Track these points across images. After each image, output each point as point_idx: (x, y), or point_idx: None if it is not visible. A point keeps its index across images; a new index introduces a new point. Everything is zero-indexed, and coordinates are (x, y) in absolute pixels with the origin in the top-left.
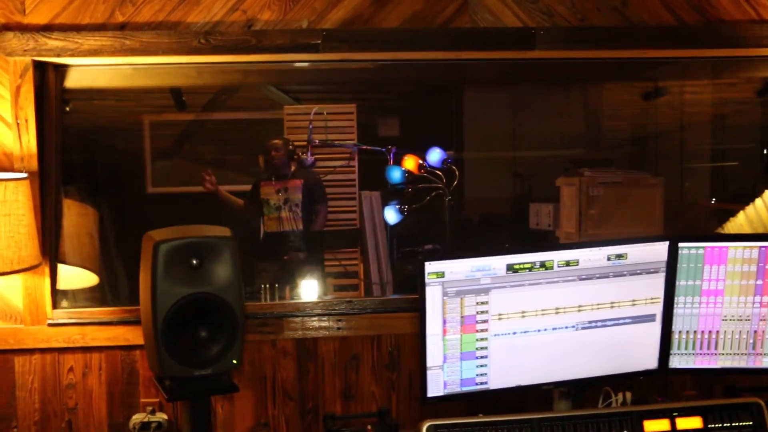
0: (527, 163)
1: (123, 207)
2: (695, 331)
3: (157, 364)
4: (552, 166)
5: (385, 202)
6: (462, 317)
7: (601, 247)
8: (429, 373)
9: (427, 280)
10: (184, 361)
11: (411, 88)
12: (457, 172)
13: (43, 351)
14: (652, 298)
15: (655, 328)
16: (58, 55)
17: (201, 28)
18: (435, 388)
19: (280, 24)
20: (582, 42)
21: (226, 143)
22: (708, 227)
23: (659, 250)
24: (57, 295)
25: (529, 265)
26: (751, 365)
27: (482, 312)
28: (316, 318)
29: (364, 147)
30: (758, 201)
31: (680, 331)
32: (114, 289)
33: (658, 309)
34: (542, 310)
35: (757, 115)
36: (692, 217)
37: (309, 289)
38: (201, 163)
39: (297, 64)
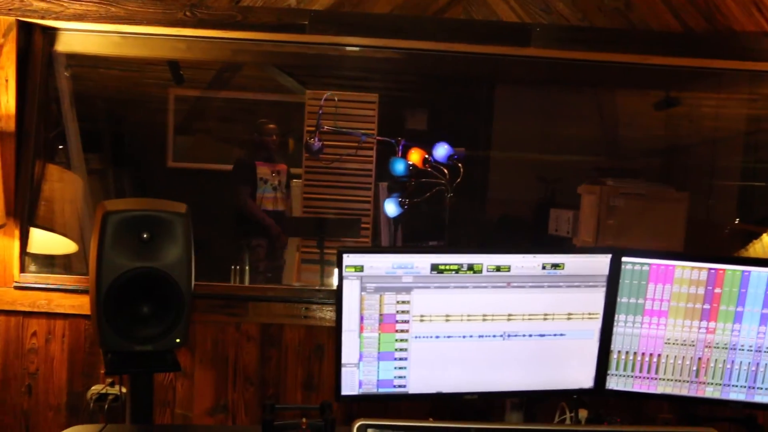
0: (553, 167)
1: (143, 180)
2: (635, 353)
3: (98, 335)
4: (578, 171)
5: (389, 194)
6: (381, 315)
7: (536, 255)
8: (344, 370)
9: (344, 273)
10: (125, 335)
11: (440, 81)
12: (461, 170)
13: (7, 313)
14: (590, 314)
15: (592, 346)
16: (43, 17)
17: (188, 0)
18: (349, 386)
19: (269, 1)
20: (580, 42)
21: (246, 123)
22: (731, 248)
23: (600, 262)
24: (26, 259)
25: (455, 267)
26: (693, 394)
27: (403, 312)
28: (283, 304)
29: (373, 137)
30: None
31: (619, 351)
32: None
33: (596, 325)
34: (468, 315)
35: None
36: (714, 236)
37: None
38: (223, 140)
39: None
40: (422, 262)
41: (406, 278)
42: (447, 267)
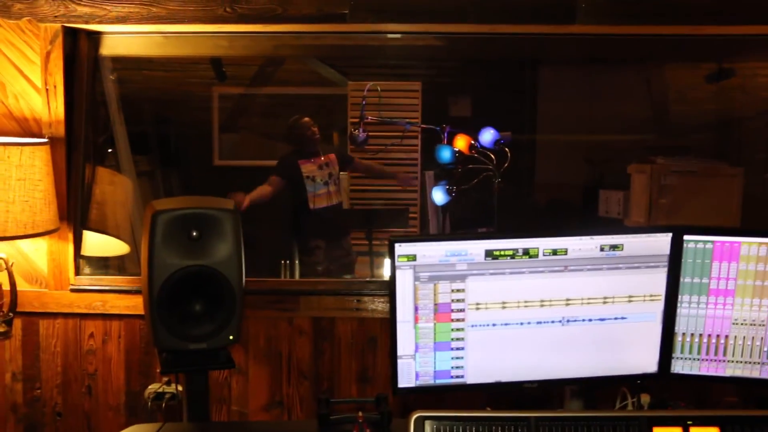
0: (601, 147)
1: (190, 179)
2: (701, 335)
3: (152, 335)
4: (626, 151)
5: (436, 182)
6: (435, 305)
7: (593, 236)
8: (400, 362)
9: (397, 263)
10: (178, 334)
11: (483, 65)
12: (509, 154)
13: (65, 316)
14: (651, 295)
15: (655, 328)
16: (87, 22)
17: None
18: (406, 378)
19: None
20: (628, 16)
21: (288, 117)
22: None
23: (661, 242)
24: (80, 261)
25: (510, 252)
26: (765, 375)
27: (458, 300)
28: (334, 297)
29: (417, 125)
30: None
31: (684, 333)
32: None
33: (658, 307)
34: (525, 302)
35: None
36: None
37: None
38: (267, 136)
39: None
40: (476, 248)
41: (460, 266)
42: (502, 252)
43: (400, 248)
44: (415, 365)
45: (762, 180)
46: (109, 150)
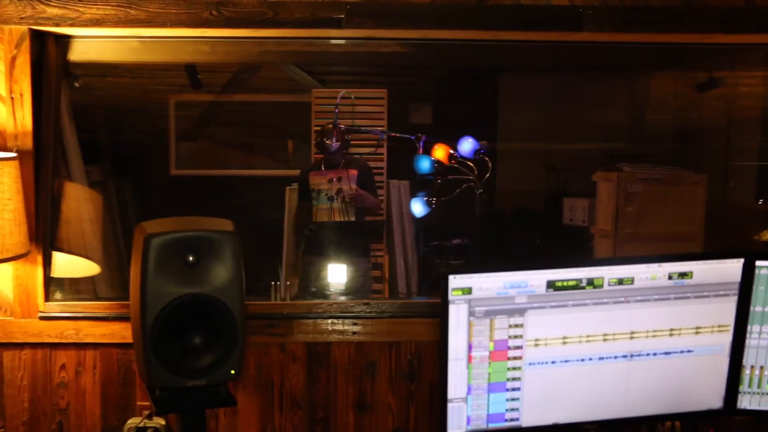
0: (563, 155)
1: (145, 189)
2: None
3: (146, 372)
4: (589, 159)
5: (413, 194)
6: (491, 342)
7: (662, 263)
8: (450, 406)
9: (450, 297)
10: (175, 370)
11: (445, 73)
12: (490, 164)
13: (33, 346)
14: (720, 326)
15: (722, 362)
16: (57, 25)
17: None
18: (457, 423)
19: None
20: (635, 24)
21: (251, 126)
22: (752, 229)
23: (732, 268)
24: (51, 286)
25: (573, 283)
26: None
27: (516, 336)
28: (329, 320)
29: (393, 134)
30: None
31: (752, 366)
32: (124, 279)
33: (726, 339)
34: (587, 336)
35: None
36: (736, 218)
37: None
38: (226, 145)
39: (326, 43)
40: (537, 279)
41: (519, 299)
42: (565, 283)
43: (455, 281)
44: (466, 409)
45: (724, 187)
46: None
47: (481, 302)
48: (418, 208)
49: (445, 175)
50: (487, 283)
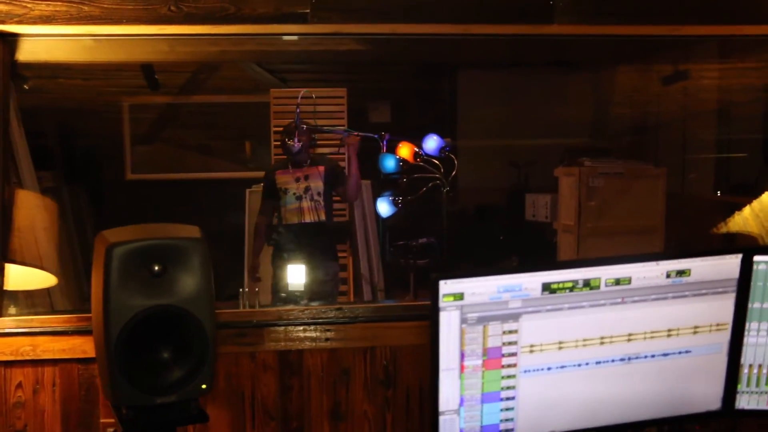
0: (524, 151)
1: (101, 195)
2: None
3: (111, 390)
4: (550, 155)
5: (377, 194)
6: (485, 350)
7: (659, 261)
8: (441, 419)
9: (441, 304)
10: (143, 387)
11: (404, 69)
12: (456, 162)
13: None
14: (718, 324)
15: (721, 361)
16: (3, 22)
17: None
18: None
19: None
20: (608, 15)
21: (209, 128)
22: (711, 221)
23: (730, 264)
24: (4, 300)
25: (570, 284)
26: None
27: (510, 343)
28: (301, 327)
29: (356, 133)
30: (765, 195)
31: (750, 365)
32: (82, 290)
33: (725, 338)
34: (584, 340)
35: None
36: (696, 209)
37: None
38: (184, 148)
39: (285, 39)
40: (532, 282)
41: (513, 303)
42: (561, 285)
43: (446, 286)
44: (459, 421)
45: (683, 179)
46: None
47: (473, 308)
48: (384, 208)
49: (411, 173)
50: (480, 288)
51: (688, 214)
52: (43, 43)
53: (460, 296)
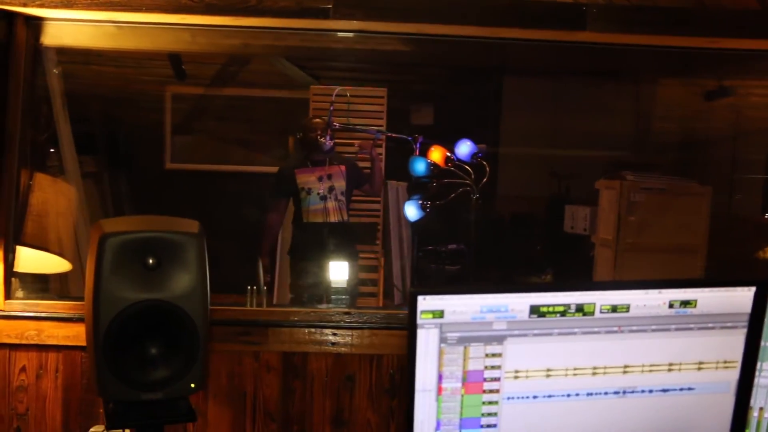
0: (566, 162)
1: (139, 182)
2: None
3: (97, 382)
4: (592, 167)
5: (409, 196)
6: (465, 372)
7: (662, 290)
8: None
9: (419, 321)
10: (129, 382)
11: (448, 73)
12: (487, 168)
13: None
14: (726, 362)
15: (727, 402)
16: (25, 4)
17: None
18: None
19: None
20: (642, 24)
21: (246, 121)
22: (757, 244)
23: (741, 297)
24: (12, 283)
25: (561, 309)
26: None
27: (493, 367)
28: (307, 330)
29: (389, 134)
30: None
31: (761, 408)
32: None
33: (733, 376)
34: (575, 369)
35: None
36: (742, 231)
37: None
38: (222, 140)
39: (324, 39)
40: (519, 303)
41: (498, 324)
42: (551, 309)
43: (424, 302)
44: None
45: (729, 199)
46: (51, 150)
47: (454, 327)
48: (411, 211)
49: (441, 178)
50: (462, 306)
51: (733, 236)
52: (66, 27)
53: (439, 314)
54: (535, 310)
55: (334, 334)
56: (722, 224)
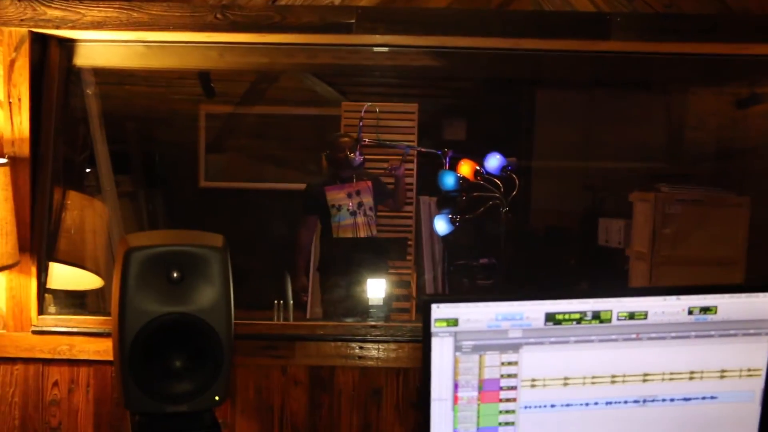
0: (600, 174)
1: (175, 201)
2: None
3: (123, 394)
4: (626, 179)
5: (439, 210)
6: (481, 381)
7: (680, 296)
8: None
9: (433, 329)
10: (154, 394)
11: (479, 86)
12: (517, 182)
13: (26, 361)
14: (749, 370)
15: (752, 411)
16: (58, 27)
17: (218, 1)
18: None
19: None
20: (667, 32)
21: (278, 138)
22: None
23: (763, 303)
24: (45, 299)
25: (577, 316)
26: None
27: (509, 375)
28: (333, 343)
29: (418, 149)
30: None
31: None
32: None
33: (757, 385)
34: (593, 378)
35: None
36: None
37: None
38: (255, 157)
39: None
40: (534, 311)
41: (513, 332)
42: (566, 317)
43: (438, 310)
44: None
45: None
46: (88, 170)
47: (468, 335)
48: (441, 225)
49: (470, 192)
50: (476, 314)
51: None
52: (97, 48)
53: (454, 322)
54: (550, 317)
55: (361, 348)
56: (763, 235)
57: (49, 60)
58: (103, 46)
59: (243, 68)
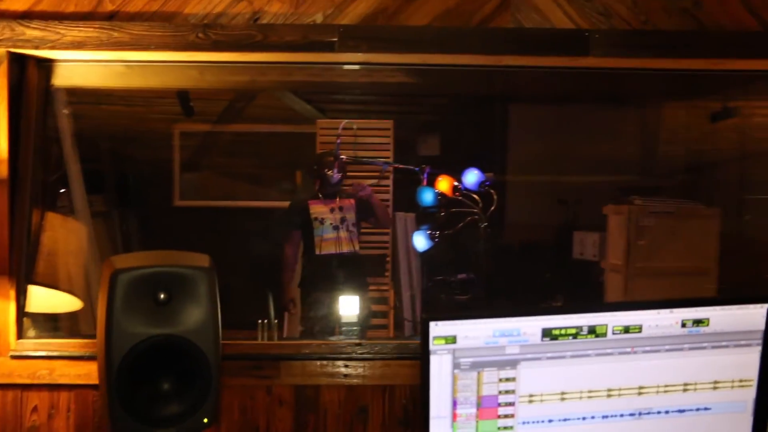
0: (573, 188)
1: (149, 220)
2: None
3: (109, 418)
4: (599, 192)
5: (417, 227)
6: (479, 398)
7: (673, 309)
8: None
9: (432, 347)
10: (142, 418)
11: (453, 102)
12: (495, 197)
13: (4, 387)
14: (741, 380)
15: (745, 421)
16: (37, 47)
17: (200, 21)
18: None
19: (291, 18)
20: (645, 48)
21: (253, 156)
22: None
23: (754, 315)
24: (28, 322)
25: (573, 331)
26: None
27: (507, 392)
28: (319, 362)
29: (396, 165)
30: None
31: None
32: None
33: (749, 395)
34: (589, 392)
35: None
36: (753, 253)
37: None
38: (230, 176)
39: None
40: (531, 327)
41: (511, 349)
42: (563, 332)
43: (437, 328)
44: None
45: (739, 221)
46: (62, 190)
47: (466, 352)
48: (420, 241)
49: (449, 207)
50: (474, 332)
51: (744, 257)
52: (77, 68)
53: (452, 339)
54: (547, 333)
55: (346, 366)
56: (733, 246)
57: (28, 80)
58: (82, 66)
59: (223, 87)
